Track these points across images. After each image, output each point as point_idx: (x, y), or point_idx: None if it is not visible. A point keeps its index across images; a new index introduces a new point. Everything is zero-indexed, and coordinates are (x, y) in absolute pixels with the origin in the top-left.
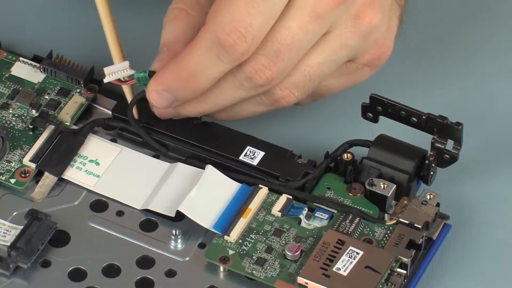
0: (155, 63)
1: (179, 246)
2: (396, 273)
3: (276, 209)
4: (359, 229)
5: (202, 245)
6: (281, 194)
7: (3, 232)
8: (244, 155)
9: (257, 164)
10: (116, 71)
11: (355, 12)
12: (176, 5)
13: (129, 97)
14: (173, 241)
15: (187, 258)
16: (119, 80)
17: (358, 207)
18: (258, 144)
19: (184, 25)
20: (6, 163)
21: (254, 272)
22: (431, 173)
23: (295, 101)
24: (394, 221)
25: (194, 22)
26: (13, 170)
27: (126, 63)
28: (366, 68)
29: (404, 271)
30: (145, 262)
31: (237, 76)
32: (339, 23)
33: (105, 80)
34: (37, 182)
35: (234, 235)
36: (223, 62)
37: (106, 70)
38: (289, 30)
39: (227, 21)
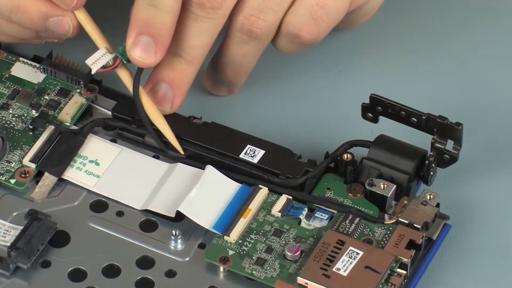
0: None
1: (179, 246)
2: (396, 273)
3: (276, 209)
4: (359, 229)
5: (202, 246)
6: (281, 195)
7: (3, 232)
8: (244, 154)
9: (258, 162)
10: (97, 59)
11: None
12: None
13: (130, 86)
14: (173, 242)
15: (187, 259)
16: (105, 66)
17: (358, 207)
18: (258, 143)
19: None
20: (6, 163)
21: (254, 272)
22: (431, 173)
23: (267, 25)
24: (394, 221)
25: None
26: (13, 170)
27: (103, 49)
28: None
29: (404, 271)
30: (145, 262)
31: (190, 9)
32: None
33: (93, 71)
34: (37, 182)
35: (234, 235)
36: None
37: (87, 61)
38: None
39: None
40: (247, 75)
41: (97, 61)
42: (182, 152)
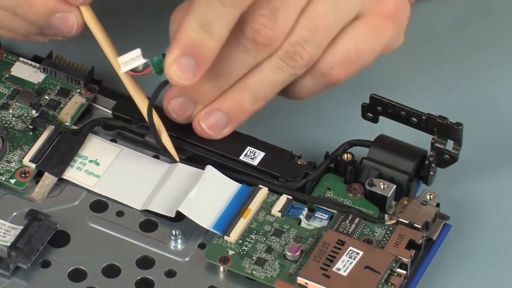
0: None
1: (179, 246)
2: (396, 273)
3: (276, 210)
4: (359, 229)
5: (202, 246)
6: (281, 195)
7: (3, 232)
8: (245, 155)
9: (257, 164)
10: (130, 59)
11: None
12: (184, 5)
13: (138, 99)
14: (173, 242)
15: (187, 258)
16: (134, 70)
17: (358, 208)
18: (259, 144)
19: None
20: (6, 163)
21: (254, 272)
22: (431, 173)
23: (309, 57)
24: (394, 221)
25: None
26: (13, 170)
27: (138, 51)
28: (388, 22)
29: (404, 271)
30: (145, 262)
31: (241, 41)
32: None
33: (121, 71)
34: (37, 182)
35: (234, 235)
36: (227, 7)
37: (120, 59)
38: None
39: None
40: (262, 105)
41: (128, 62)
42: (177, 159)
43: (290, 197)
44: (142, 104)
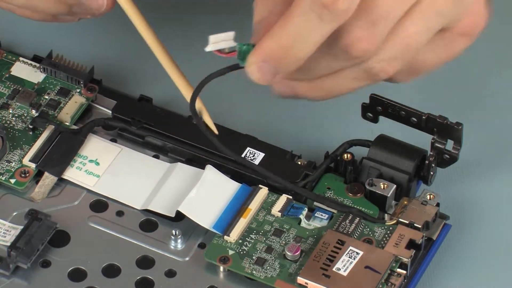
0: (255, 39)
1: (179, 246)
2: (396, 273)
3: (276, 209)
4: (359, 229)
5: (202, 245)
6: (281, 194)
7: (3, 232)
8: (244, 156)
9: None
10: (220, 40)
11: None
12: None
13: (184, 90)
14: (173, 241)
15: (187, 258)
16: (220, 50)
17: (358, 207)
18: (258, 145)
19: (274, 1)
20: (6, 163)
21: (254, 272)
22: (431, 173)
23: (392, 74)
24: (394, 221)
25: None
26: (13, 170)
27: (232, 34)
28: (462, 38)
29: (404, 271)
30: (145, 262)
31: (333, 48)
32: None
33: (207, 49)
34: (37, 182)
35: (234, 235)
36: (324, 23)
37: (212, 38)
38: None
39: None
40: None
41: (219, 42)
42: (216, 131)
43: (290, 197)
44: (179, 79)
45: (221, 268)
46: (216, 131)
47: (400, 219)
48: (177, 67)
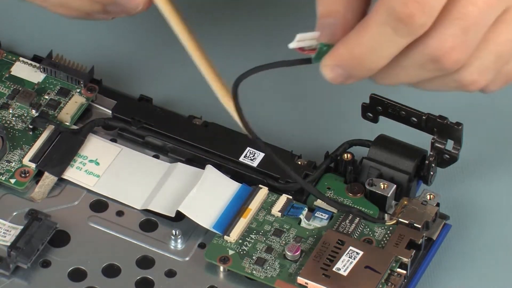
0: (324, 37)
1: (179, 246)
2: (396, 273)
3: (276, 209)
4: (359, 229)
5: (202, 245)
6: (281, 194)
7: (3, 232)
8: (244, 157)
9: (257, 166)
10: (306, 39)
11: None
12: None
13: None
14: (173, 241)
15: (187, 258)
16: (301, 48)
17: (358, 207)
18: (258, 145)
19: None
20: (6, 163)
21: (254, 272)
22: (431, 173)
23: (484, 86)
24: (394, 221)
25: None
26: (13, 170)
27: (317, 34)
28: None
29: (404, 271)
30: (145, 262)
31: (421, 56)
32: None
33: (291, 45)
34: (37, 182)
35: (234, 235)
36: (399, 37)
37: (299, 36)
38: (474, 5)
39: None
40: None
41: (304, 40)
42: (250, 135)
43: (290, 197)
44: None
45: (221, 268)
46: (249, 134)
47: (400, 219)
48: (216, 72)
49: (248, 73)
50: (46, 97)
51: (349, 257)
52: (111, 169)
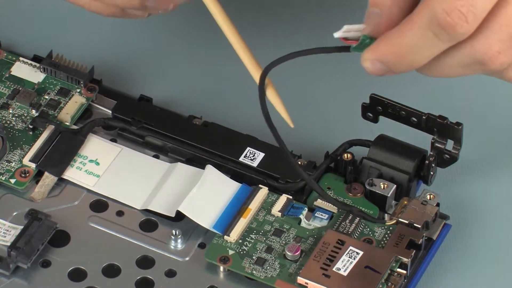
0: (368, 27)
1: (179, 246)
2: (396, 273)
3: (276, 209)
4: (359, 229)
5: (202, 245)
6: (281, 194)
7: (3, 232)
8: (244, 157)
9: (257, 166)
10: (352, 30)
11: None
12: None
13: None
14: (173, 241)
15: (187, 258)
16: (345, 38)
17: (359, 208)
18: (258, 145)
19: None
20: (6, 163)
21: (254, 272)
22: (431, 173)
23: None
24: (394, 221)
25: None
26: (13, 170)
27: (363, 26)
28: None
29: (404, 271)
30: (145, 262)
31: (466, 58)
32: None
33: (336, 35)
34: (37, 182)
35: (234, 235)
36: (441, 42)
37: (345, 27)
38: None
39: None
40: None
41: (349, 31)
42: (292, 125)
43: (290, 197)
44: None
45: (221, 268)
46: (291, 123)
47: (400, 219)
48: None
49: (282, 59)
50: (46, 97)
51: (349, 257)
52: (111, 169)
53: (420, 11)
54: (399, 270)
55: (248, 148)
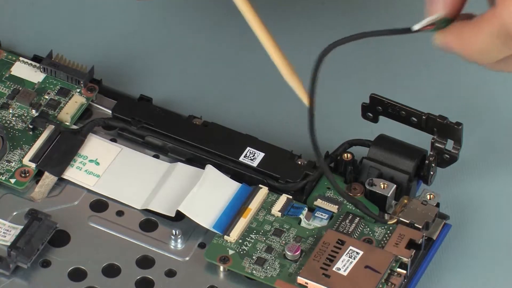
0: (438, 6)
1: (179, 246)
2: (396, 273)
3: (276, 209)
4: (359, 229)
5: (202, 245)
6: (281, 194)
7: (3, 232)
8: (244, 156)
9: (257, 166)
10: (431, 20)
11: None
12: None
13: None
14: (173, 241)
15: (187, 258)
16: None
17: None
18: (258, 145)
19: None
20: (6, 163)
21: (254, 272)
22: (431, 173)
23: None
24: (394, 221)
25: None
26: (13, 170)
27: (438, 15)
28: None
29: (404, 271)
30: (145, 262)
31: None
32: None
33: (415, 28)
34: (37, 182)
35: (234, 235)
36: (508, 49)
37: (425, 20)
38: None
39: None
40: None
41: (427, 21)
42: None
43: (290, 197)
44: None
45: (221, 268)
46: (306, 100)
47: (400, 219)
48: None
49: (348, 39)
50: (46, 97)
51: (349, 257)
52: (111, 169)
53: (490, 18)
54: (399, 270)
55: (248, 148)
